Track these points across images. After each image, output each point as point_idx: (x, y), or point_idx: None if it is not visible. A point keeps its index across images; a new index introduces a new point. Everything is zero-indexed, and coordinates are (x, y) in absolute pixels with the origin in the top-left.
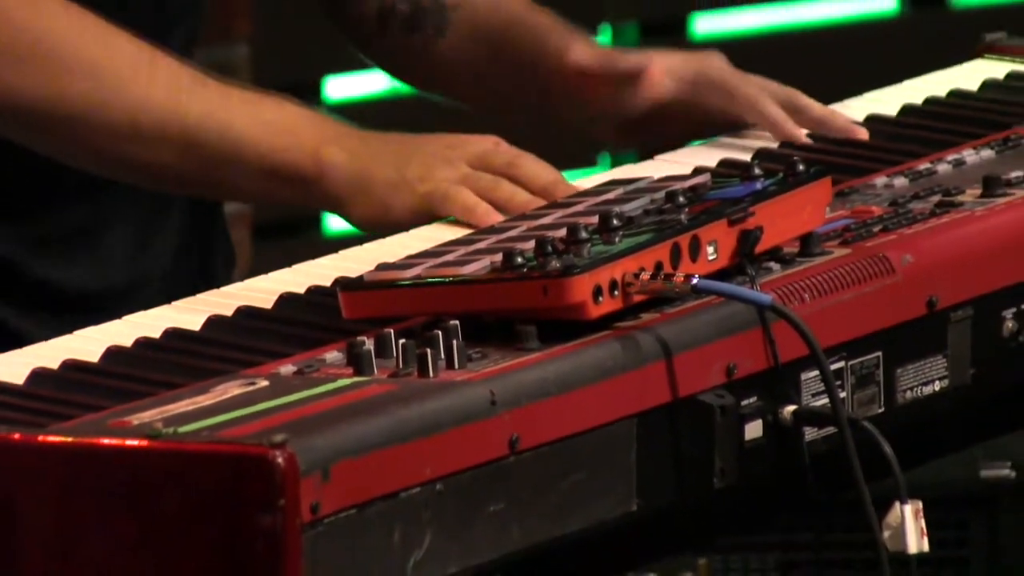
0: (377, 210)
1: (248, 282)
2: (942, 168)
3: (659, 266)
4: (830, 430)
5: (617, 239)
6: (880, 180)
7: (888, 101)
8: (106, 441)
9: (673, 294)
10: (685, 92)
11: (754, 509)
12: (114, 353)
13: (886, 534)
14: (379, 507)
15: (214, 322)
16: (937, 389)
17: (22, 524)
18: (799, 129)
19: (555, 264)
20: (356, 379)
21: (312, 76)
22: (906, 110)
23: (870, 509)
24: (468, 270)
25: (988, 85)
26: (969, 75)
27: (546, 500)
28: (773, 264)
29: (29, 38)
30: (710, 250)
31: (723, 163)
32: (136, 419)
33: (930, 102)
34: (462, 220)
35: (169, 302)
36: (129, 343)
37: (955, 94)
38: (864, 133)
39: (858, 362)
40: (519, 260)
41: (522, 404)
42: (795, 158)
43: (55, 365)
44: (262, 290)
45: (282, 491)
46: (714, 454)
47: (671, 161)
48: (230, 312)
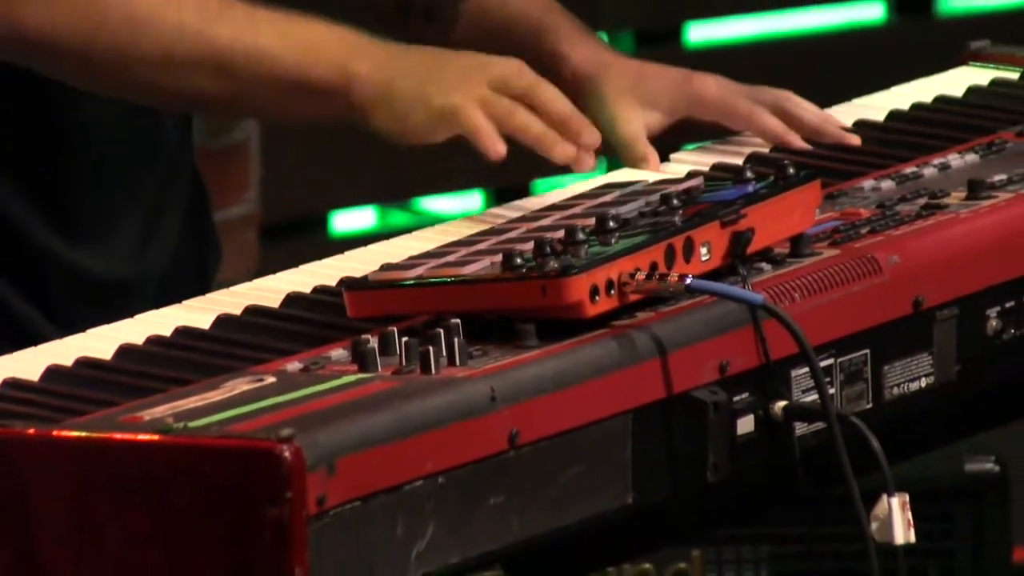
0: (397, 121)
1: (256, 282)
2: (928, 172)
3: (654, 266)
4: (819, 425)
5: (613, 240)
6: (868, 183)
7: (876, 107)
8: (119, 436)
9: (668, 294)
10: (679, 116)
11: (746, 502)
12: (127, 351)
13: (874, 526)
14: (383, 500)
15: (223, 320)
16: (923, 386)
17: (37, 517)
18: (797, 138)
19: (553, 265)
20: (360, 376)
21: None
22: (893, 115)
23: (858, 502)
24: (469, 270)
25: (973, 91)
26: (955, 82)
27: (545, 493)
28: (764, 264)
29: None
30: (703, 251)
31: (716, 167)
32: (148, 415)
33: (917, 108)
34: (468, 139)
35: (166, 298)
36: (141, 341)
37: (941, 100)
38: (856, 140)
39: (847, 359)
40: (518, 261)
41: (521, 400)
42: (786, 162)
43: (69, 362)
44: (270, 289)
45: (289, 484)
46: (707, 449)
47: (666, 164)
48: (239, 311)
